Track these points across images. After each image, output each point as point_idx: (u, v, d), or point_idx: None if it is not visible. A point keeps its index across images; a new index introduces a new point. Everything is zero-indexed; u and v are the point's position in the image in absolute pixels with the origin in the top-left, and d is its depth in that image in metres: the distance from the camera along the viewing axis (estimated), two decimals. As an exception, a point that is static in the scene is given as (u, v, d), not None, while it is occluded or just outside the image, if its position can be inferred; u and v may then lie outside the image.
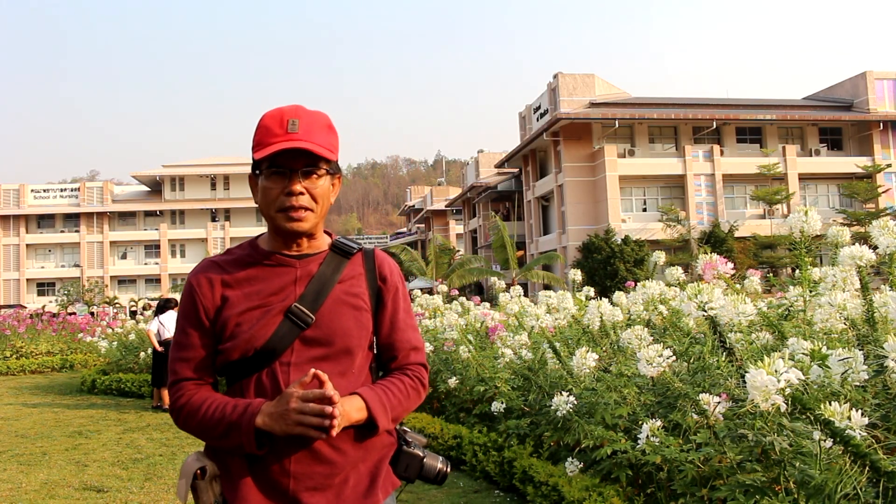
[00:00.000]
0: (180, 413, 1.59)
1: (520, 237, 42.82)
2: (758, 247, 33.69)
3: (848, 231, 3.25)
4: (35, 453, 6.91)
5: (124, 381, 11.52)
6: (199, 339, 1.61)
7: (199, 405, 1.56)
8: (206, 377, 1.63)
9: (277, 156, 1.56)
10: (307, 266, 1.64)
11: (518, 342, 5.43)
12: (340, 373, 1.58)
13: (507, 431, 5.18)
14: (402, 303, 1.74)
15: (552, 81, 38.53)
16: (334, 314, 1.61)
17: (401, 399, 1.63)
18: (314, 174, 1.60)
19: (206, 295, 1.61)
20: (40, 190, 60.86)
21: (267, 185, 1.60)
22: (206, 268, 1.66)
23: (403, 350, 1.70)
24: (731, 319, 2.49)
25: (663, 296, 4.45)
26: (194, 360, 1.61)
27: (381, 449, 1.64)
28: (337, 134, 1.66)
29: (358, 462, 1.58)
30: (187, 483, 1.55)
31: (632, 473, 3.67)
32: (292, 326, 1.57)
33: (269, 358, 1.56)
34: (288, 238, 1.64)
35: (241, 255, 1.67)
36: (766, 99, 42.84)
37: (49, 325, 19.75)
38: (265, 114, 1.61)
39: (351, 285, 1.66)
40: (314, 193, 1.60)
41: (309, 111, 1.62)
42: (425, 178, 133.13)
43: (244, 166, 62.17)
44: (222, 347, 1.59)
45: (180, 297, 1.71)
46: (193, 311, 1.62)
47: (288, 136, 1.56)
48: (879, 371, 2.16)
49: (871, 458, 1.66)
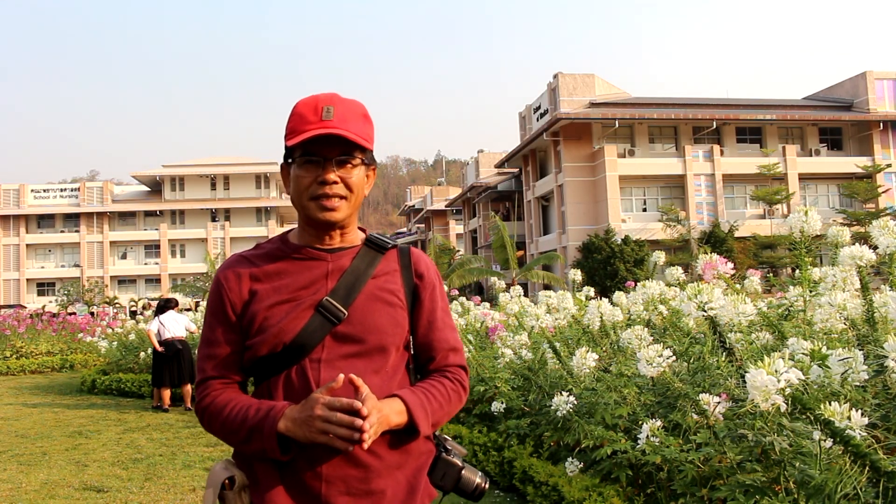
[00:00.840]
0: (204, 414, 1.53)
1: (520, 237, 42.82)
2: (758, 247, 33.69)
3: (848, 231, 3.25)
4: (35, 453, 6.91)
5: (124, 381, 11.52)
6: (226, 335, 1.55)
7: (223, 407, 1.50)
8: (234, 375, 1.56)
9: (311, 143, 1.49)
10: (339, 260, 1.57)
11: (518, 342, 5.43)
12: (374, 371, 1.50)
13: (507, 431, 5.18)
14: (440, 301, 1.67)
15: (552, 81, 38.53)
16: (367, 310, 1.53)
17: (442, 403, 1.55)
18: (349, 163, 1.53)
19: (234, 289, 1.55)
20: (40, 190, 60.86)
21: (299, 174, 1.53)
22: (234, 262, 1.61)
23: (441, 350, 1.62)
24: (731, 319, 2.49)
25: (663, 296, 4.45)
26: (221, 357, 1.55)
27: (420, 456, 1.55)
28: (373, 124, 1.59)
29: (394, 468, 1.49)
30: (215, 493, 1.48)
31: (632, 473, 3.67)
32: (323, 321, 1.50)
33: (298, 354, 1.49)
34: (320, 229, 1.57)
35: (271, 248, 1.61)
36: (766, 99, 42.85)
37: (49, 325, 19.76)
38: (299, 101, 1.55)
39: (385, 281, 1.58)
40: (349, 182, 1.53)
41: (344, 99, 1.55)
42: (425, 178, 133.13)
43: (244, 166, 62.27)
44: (250, 343, 1.53)
45: (208, 293, 1.64)
46: (220, 306, 1.56)
47: (322, 124, 1.49)
48: (879, 371, 2.16)
49: (871, 458, 1.66)
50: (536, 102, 41.00)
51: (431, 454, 1.57)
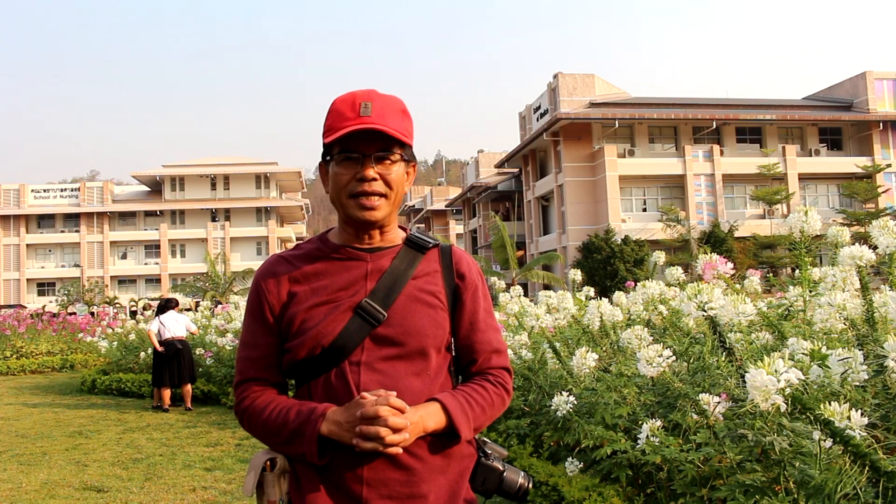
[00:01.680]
0: (244, 416, 1.52)
1: (520, 237, 42.84)
2: (758, 247, 33.71)
3: (848, 231, 3.25)
4: (35, 453, 6.92)
5: (124, 381, 11.53)
6: (265, 337, 1.53)
7: (263, 408, 1.48)
8: (273, 377, 1.54)
9: (349, 139, 1.47)
10: (379, 260, 1.54)
11: (518, 342, 5.43)
12: (415, 373, 1.48)
13: (507, 431, 5.18)
14: (483, 302, 1.63)
15: (552, 81, 38.54)
16: (408, 311, 1.50)
17: (484, 407, 1.51)
18: (388, 159, 1.49)
19: (272, 291, 1.53)
20: (40, 190, 60.87)
21: (338, 171, 1.49)
22: (273, 263, 1.58)
23: (484, 353, 1.58)
24: (731, 319, 2.49)
25: (663, 296, 4.45)
26: (260, 359, 1.53)
27: (462, 460, 1.52)
28: (412, 119, 1.56)
29: (437, 472, 1.46)
30: (255, 476, 1.46)
31: (632, 473, 3.67)
32: (362, 323, 1.47)
33: (337, 357, 1.46)
34: (360, 229, 1.54)
35: (310, 249, 1.58)
36: (766, 99, 42.87)
37: (49, 325, 19.77)
38: (337, 98, 1.52)
39: (426, 282, 1.55)
40: (388, 179, 1.49)
41: (382, 95, 1.52)
42: (425, 178, 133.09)
43: (244, 166, 62.29)
44: (289, 346, 1.50)
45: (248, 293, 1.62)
46: (259, 307, 1.54)
47: (360, 119, 1.46)
48: (879, 371, 2.16)
49: (871, 458, 1.66)
50: (536, 102, 41.00)
51: (473, 458, 1.54)
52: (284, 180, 65.46)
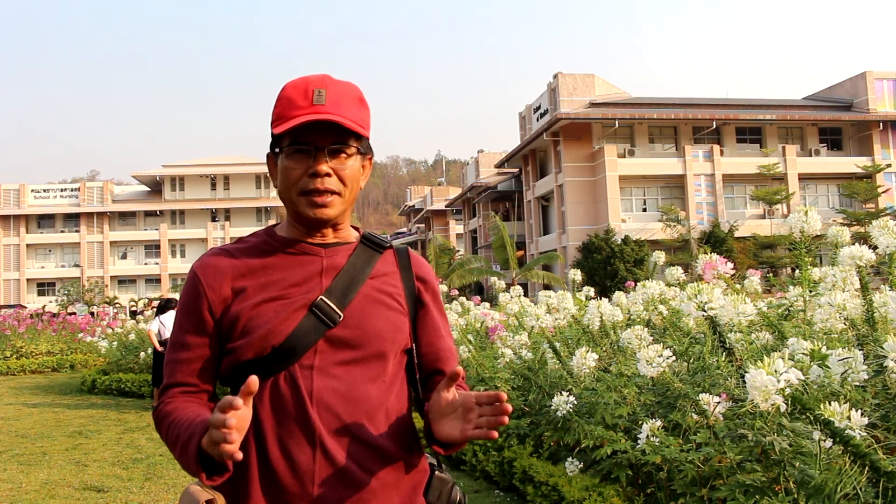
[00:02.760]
0: (155, 423, 1.38)
1: (520, 237, 42.82)
2: (758, 247, 33.69)
3: (848, 231, 3.25)
4: (35, 453, 6.92)
5: (124, 381, 11.53)
6: (199, 338, 1.38)
7: (164, 418, 1.34)
8: (204, 383, 1.39)
9: (300, 130, 1.34)
10: (334, 256, 1.43)
11: (518, 342, 5.43)
12: (371, 379, 1.37)
13: (507, 431, 5.18)
14: (441, 307, 1.56)
15: (552, 81, 38.53)
16: (365, 313, 1.39)
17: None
18: (343, 153, 1.37)
19: (213, 286, 1.38)
20: (40, 190, 60.85)
21: (288, 165, 1.37)
22: (214, 256, 1.42)
23: (450, 360, 1.52)
24: (731, 319, 2.49)
25: (663, 296, 4.45)
26: (190, 362, 1.38)
27: (417, 474, 1.44)
28: (369, 109, 1.44)
29: (391, 488, 1.37)
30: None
31: (632, 473, 3.67)
32: (317, 323, 1.34)
33: (287, 359, 1.33)
34: (311, 226, 1.42)
35: (256, 242, 1.44)
36: (766, 99, 42.84)
37: (49, 325, 19.78)
38: (287, 83, 1.39)
39: (384, 282, 1.45)
40: (342, 175, 1.38)
41: (337, 81, 1.40)
42: (425, 178, 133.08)
43: (244, 166, 62.25)
44: (231, 346, 1.36)
45: (182, 289, 1.47)
46: (195, 305, 1.38)
47: (313, 109, 1.33)
48: (879, 371, 2.16)
49: (871, 458, 1.66)
50: (536, 102, 40.99)
51: (426, 472, 1.47)
52: (284, 180, 65.38)
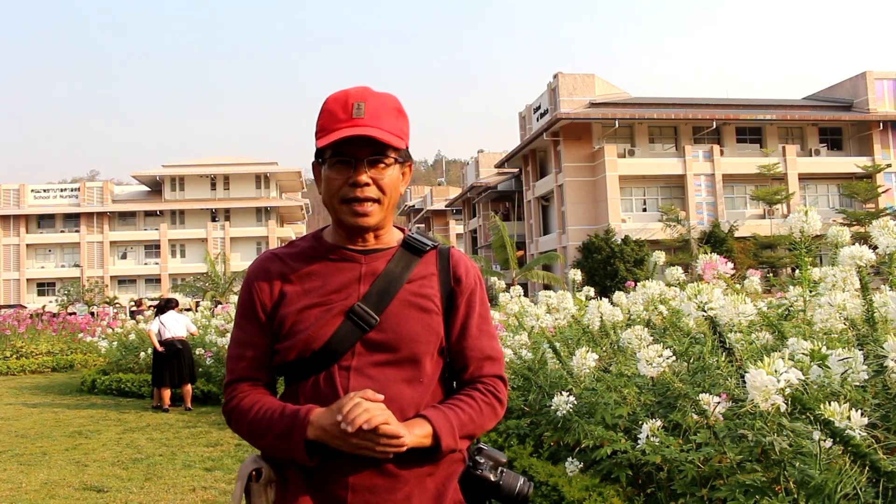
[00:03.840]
0: (231, 416, 1.49)
1: (520, 237, 42.84)
2: (758, 247, 33.71)
3: (848, 231, 3.25)
4: (35, 453, 6.92)
5: (124, 381, 11.53)
6: (256, 336, 1.50)
7: (248, 409, 1.46)
8: (264, 377, 1.52)
9: (342, 142, 1.43)
10: (374, 263, 1.50)
11: (518, 342, 5.43)
12: (406, 380, 1.45)
13: (506, 431, 5.18)
14: (479, 307, 1.58)
15: (552, 81, 38.54)
16: (401, 316, 1.47)
17: (472, 416, 1.48)
18: (381, 163, 1.46)
19: (264, 289, 1.50)
20: (40, 190, 60.87)
21: (330, 175, 1.46)
22: (265, 261, 1.54)
23: (475, 360, 1.54)
24: (731, 319, 2.49)
25: (663, 296, 4.45)
26: (250, 358, 1.51)
27: (451, 464, 1.49)
28: (407, 118, 1.52)
29: (424, 476, 1.44)
30: (242, 486, 1.47)
31: (632, 473, 3.67)
32: (354, 328, 1.44)
33: (327, 361, 1.44)
34: (353, 233, 1.50)
35: (304, 247, 1.54)
36: (766, 99, 42.86)
37: (49, 325, 19.78)
38: (329, 97, 1.48)
39: (421, 286, 1.52)
40: (381, 184, 1.46)
41: (376, 93, 1.48)
42: (425, 178, 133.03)
43: (244, 166, 62.30)
44: (279, 347, 1.48)
45: (239, 290, 1.59)
46: (251, 306, 1.51)
47: (353, 122, 1.42)
48: (879, 371, 2.16)
49: (871, 458, 1.66)
50: (536, 102, 41.00)
51: (461, 464, 1.51)
52: (284, 180, 65.47)
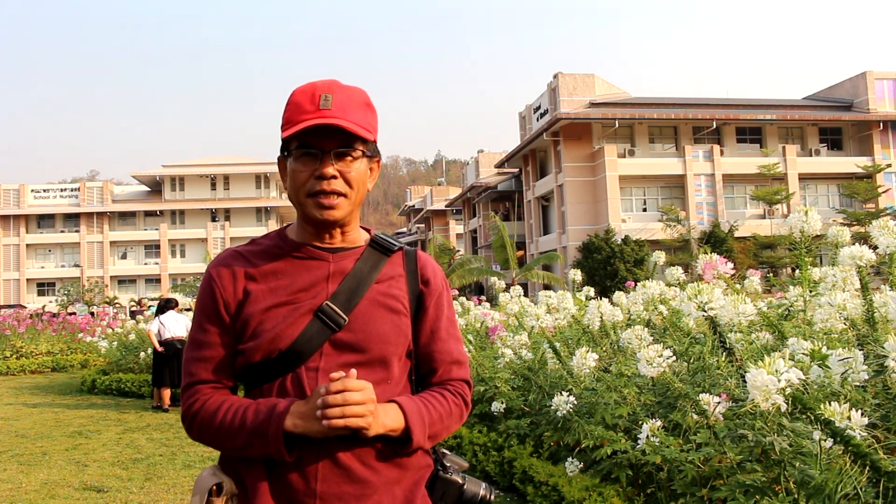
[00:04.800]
0: (193, 421, 1.42)
1: (520, 237, 42.82)
2: (758, 247, 33.70)
3: (848, 231, 3.25)
4: (35, 453, 6.92)
5: (124, 381, 11.53)
6: (217, 336, 1.44)
7: (216, 411, 1.39)
8: (226, 380, 1.45)
9: (308, 134, 1.38)
10: (342, 261, 1.47)
11: (518, 342, 5.43)
12: (375, 382, 1.39)
13: (507, 431, 5.18)
14: (447, 310, 1.56)
15: (552, 81, 38.53)
16: (370, 317, 1.44)
17: (442, 415, 1.46)
18: (349, 156, 1.42)
19: (227, 288, 1.44)
20: (40, 190, 60.86)
21: (296, 168, 1.42)
22: (228, 258, 1.48)
23: (444, 363, 1.53)
24: (731, 319, 2.49)
25: (663, 296, 4.45)
26: (212, 360, 1.44)
27: (418, 470, 1.46)
28: (376, 112, 1.48)
29: (392, 483, 1.41)
30: (201, 500, 1.39)
31: (632, 473, 3.67)
32: (322, 327, 1.40)
33: (294, 361, 1.40)
34: (319, 228, 1.46)
35: (268, 245, 1.49)
36: (766, 99, 42.84)
37: (49, 325, 19.76)
38: (296, 89, 1.43)
39: (389, 286, 1.49)
40: (348, 177, 1.42)
41: (344, 86, 1.44)
42: (425, 178, 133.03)
43: (244, 166, 62.27)
44: (243, 347, 1.42)
45: (199, 289, 1.52)
46: (212, 305, 1.45)
47: (319, 113, 1.38)
48: (879, 371, 2.16)
49: (871, 458, 1.66)
50: (536, 102, 40.99)
51: (430, 468, 1.49)
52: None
